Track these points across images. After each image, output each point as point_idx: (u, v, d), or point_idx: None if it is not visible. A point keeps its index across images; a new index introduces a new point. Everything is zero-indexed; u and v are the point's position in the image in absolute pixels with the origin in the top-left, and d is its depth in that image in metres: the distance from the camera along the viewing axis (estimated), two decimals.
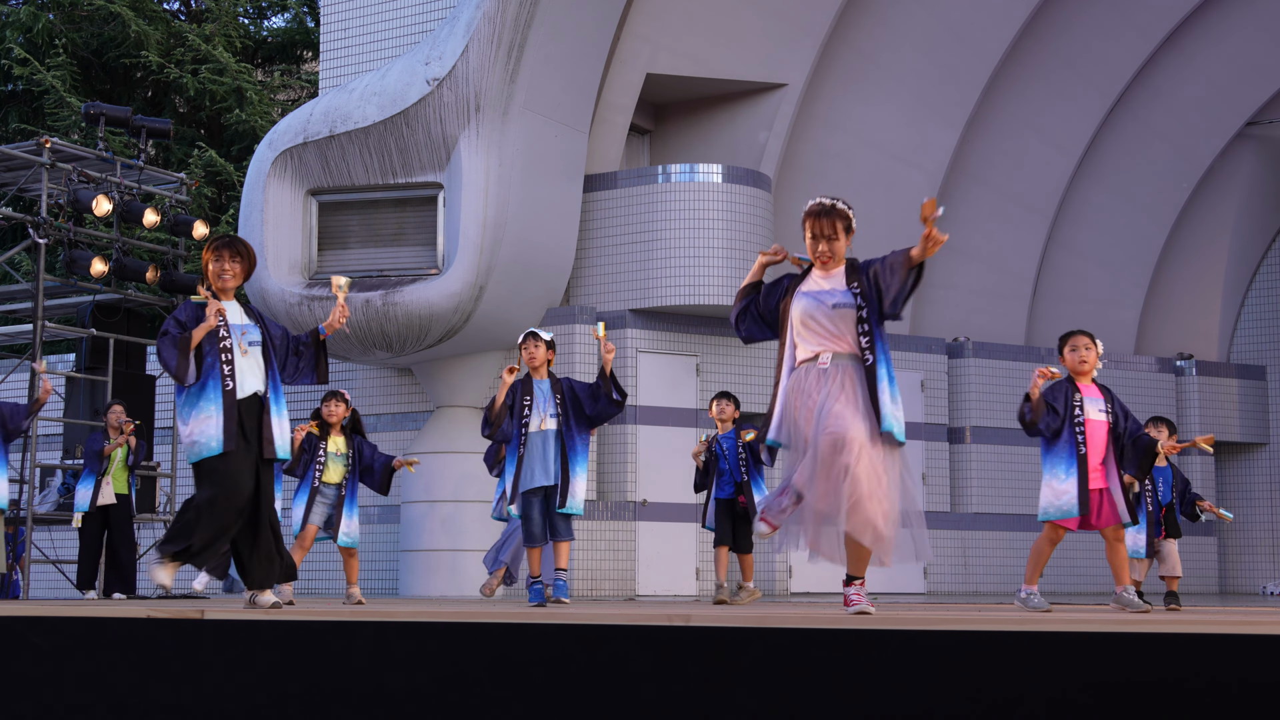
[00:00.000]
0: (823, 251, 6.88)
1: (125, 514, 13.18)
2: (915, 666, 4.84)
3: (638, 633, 5.34)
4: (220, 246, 7.67)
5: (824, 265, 6.90)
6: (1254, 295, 19.59)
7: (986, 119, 17.82)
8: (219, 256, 7.63)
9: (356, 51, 16.10)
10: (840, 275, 6.88)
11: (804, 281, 6.94)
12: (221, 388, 7.44)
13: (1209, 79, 18.45)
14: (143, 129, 15.31)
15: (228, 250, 7.64)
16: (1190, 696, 4.46)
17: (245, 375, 7.54)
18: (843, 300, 6.77)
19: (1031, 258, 18.42)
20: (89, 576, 13.08)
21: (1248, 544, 18.54)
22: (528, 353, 9.26)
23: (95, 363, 15.13)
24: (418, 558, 15.19)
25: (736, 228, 15.35)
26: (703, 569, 15.47)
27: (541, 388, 9.17)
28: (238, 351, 7.54)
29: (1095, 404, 8.14)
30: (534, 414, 9.11)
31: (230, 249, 7.65)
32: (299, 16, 25.14)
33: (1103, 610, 8.59)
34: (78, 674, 6.27)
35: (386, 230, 14.98)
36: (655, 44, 15.85)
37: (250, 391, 7.54)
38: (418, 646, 5.66)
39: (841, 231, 6.91)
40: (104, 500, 12.95)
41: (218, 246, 7.67)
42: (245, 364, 7.56)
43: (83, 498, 12.95)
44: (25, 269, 19.74)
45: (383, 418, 15.86)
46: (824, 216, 6.92)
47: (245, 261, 7.68)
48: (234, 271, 7.63)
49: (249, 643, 6.04)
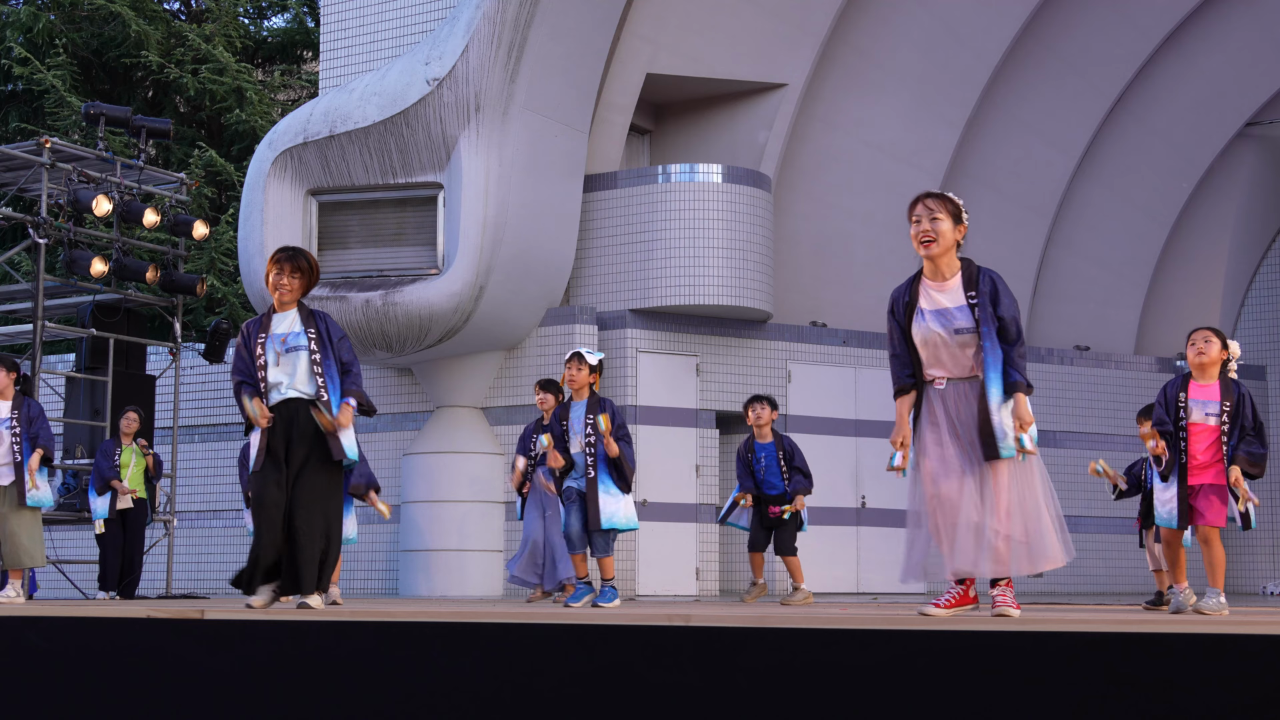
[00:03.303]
0: (925, 232, 6.50)
1: (141, 518, 13.41)
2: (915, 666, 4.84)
3: (638, 633, 5.34)
4: (283, 260, 7.70)
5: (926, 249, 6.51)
6: (1254, 295, 19.59)
7: (986, 119, 17.82)
8: (280, 270, 7.69)
9: (356, 51, 16.10)
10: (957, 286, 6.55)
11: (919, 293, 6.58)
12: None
13: (1209, 79, 18.45)
14: (143, 129, 15.31)
15: (289, 265, 7.69)
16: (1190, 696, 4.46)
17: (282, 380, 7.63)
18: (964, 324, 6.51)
19: (1031, 258, 18.42)
20: (110, 577, 13.26)
21: (1248, 544, 18.52)
22: (569, 374, 9.31)
23: (95, 363, 15.12)
24: (418, 558, 15.19)
25: (736, 228, 15.34)
26: (703, 569, 15.47)
27: (578, 411, 9.26)
28: (272, 361, 7.63)
29: (1204, 407, 7.84)
30: (571, 437, 9.27)
31: (292, 264, 7.69)
32: (299, 16, 25.13)
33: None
34: (78, 674, 6.27)
35: (386, 230, 14.98)
36: (655, 44, 15.85)
37: (289, 396, 7.60)
38: (418, 646, 5.66)
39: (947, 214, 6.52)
40: (123, 505, 13.17)
41: (280, 259, 7.70)
42: (279, 372, 7.63)
43: (101, 505, 13.09)
44: (25, 269, 19.73)
45: (383, 418, 15.86)
46: (926, 199, 6.56)
47: (305, 277, 7.73)
48: (292, 287, 7.69)
49: (249, 643, 6.04)
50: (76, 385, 15.32)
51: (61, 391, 15.94)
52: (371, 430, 15.98)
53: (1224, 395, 7.83)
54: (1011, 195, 18.23)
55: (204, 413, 17.24)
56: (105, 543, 13.25)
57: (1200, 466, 7.81)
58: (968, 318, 6.48)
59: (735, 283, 15.23)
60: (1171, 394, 7.94)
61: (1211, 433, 7.79)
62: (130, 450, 13.28)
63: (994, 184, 18.15)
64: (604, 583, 9.22)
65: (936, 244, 6.50)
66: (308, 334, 7.67)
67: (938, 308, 6.53)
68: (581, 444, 9.20)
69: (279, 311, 7.75)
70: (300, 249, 7.87)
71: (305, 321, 7.71)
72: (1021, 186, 18.28)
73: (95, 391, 15.01)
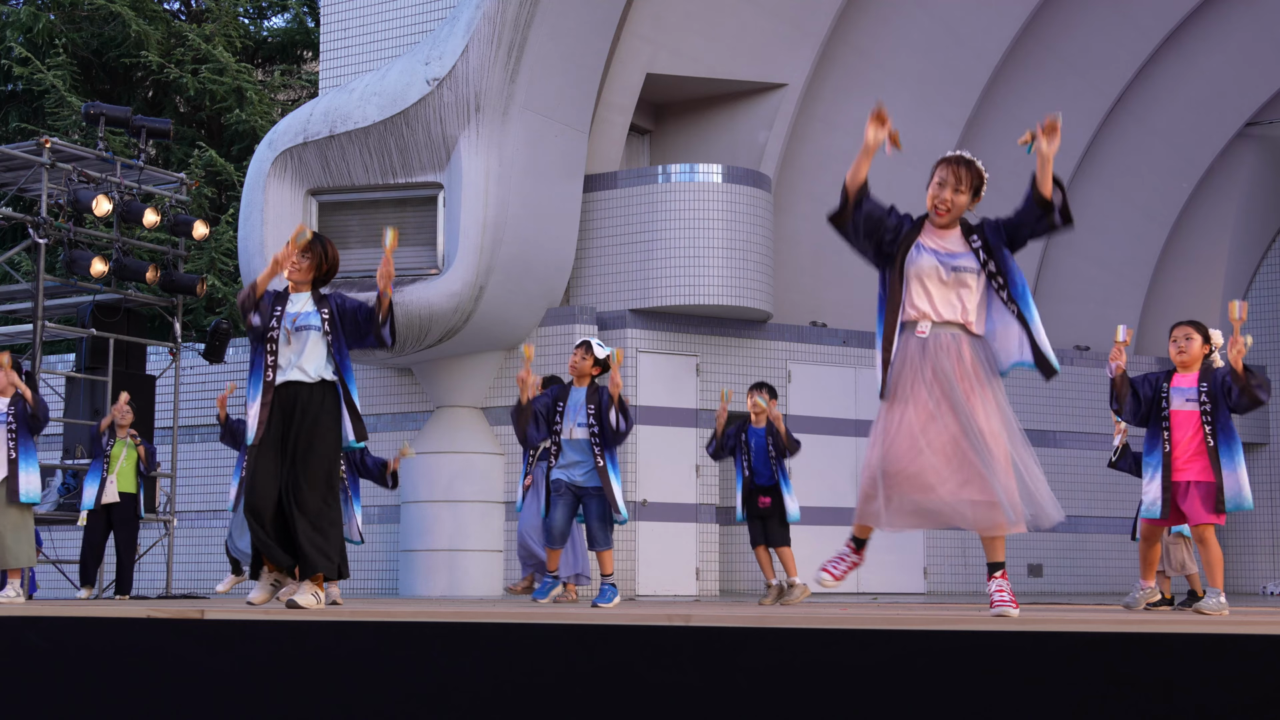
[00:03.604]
0: (945, 201, 6.47)
1: (130, 514, 13.17)
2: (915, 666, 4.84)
3: (638, 633, 5.34)
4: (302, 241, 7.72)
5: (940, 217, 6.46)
6: (1254, 295, 19.59)
7: (986, 119, 17.82)
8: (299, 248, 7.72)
9: (356, 51, 16.10)
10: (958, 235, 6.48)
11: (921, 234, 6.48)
12: (263, 377, 7.55)
13: (1209, 79, 18.45)
14: (143, 129, 15.31)
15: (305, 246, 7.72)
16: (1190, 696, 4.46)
17: (289, 361, 7.60)
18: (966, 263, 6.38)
19: (1032, 258, 18.42)
20: (89, 574, 13.08)
21: (1248, 544, 18.53)
22: (574, 360, 9.31)
23: (95, 363, 15.12)
24: (418, 558, 15.19)
25: (736, 228, 15.34)
26: (703, 569, 15.47)
27: (577, 397, 9.19)
28: (283, 339, 7.60)
29: (1184, 394, 7.77)
30: (565, 422, 9.15)
31: (309, 247, 7.72)
32: (299, 16, 25.13)
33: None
34: (78, 674, 6.27)
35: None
36: (655, 44, 15.85)
37: (293, 378, 7.57)
38: (418, 646, 5.66)
39: (969, 189, 6.50)
40: (108, 498, 12.95)
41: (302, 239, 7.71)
42: (288, 352, 7.61)
43: (89, 495, 12.95)
44: (25, 269, 19.73)
45: (383, 418, 15.86)
46: (959, 165, 6.50)
47: (315, 263, 7.74)
48: (300, 267, 7.71)
49: (249, 643, 6.04)
50: (76, 385, 15.32)
51: (61, 391, 15.94)
52: (371, 430, 15.94)
53: (1201, 379, 7.79)
54: (1012, 195, 18.07)
55: (204, 413, 17.22)
56: (86, 536, 13.10)
57: (1184, 459, 7.71)
58: (971, 260, 6.43)
59: (735, 283, 15.23)
60: (1154, 382, 7.87)
61: (1192, 418, 7.72)
62: (123, 443, 13.14)
63: (994, 184, 18.01)
64: (604, 579, 9.06)
65: (950, 214, 6.48)
66: (320, 313, 7.68)
67: (939, 249, 6.46)
68: (574, 430, 9.08)
69: (294, 293, 7.77)
70: (321, 236, 7.89)
71: (318, 303, 7.73)
72: (1022, 187, 18.11)
73: (95, 391, 15.01)
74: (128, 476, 13.09)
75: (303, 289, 7.79)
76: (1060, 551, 16.79)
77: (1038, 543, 16.86)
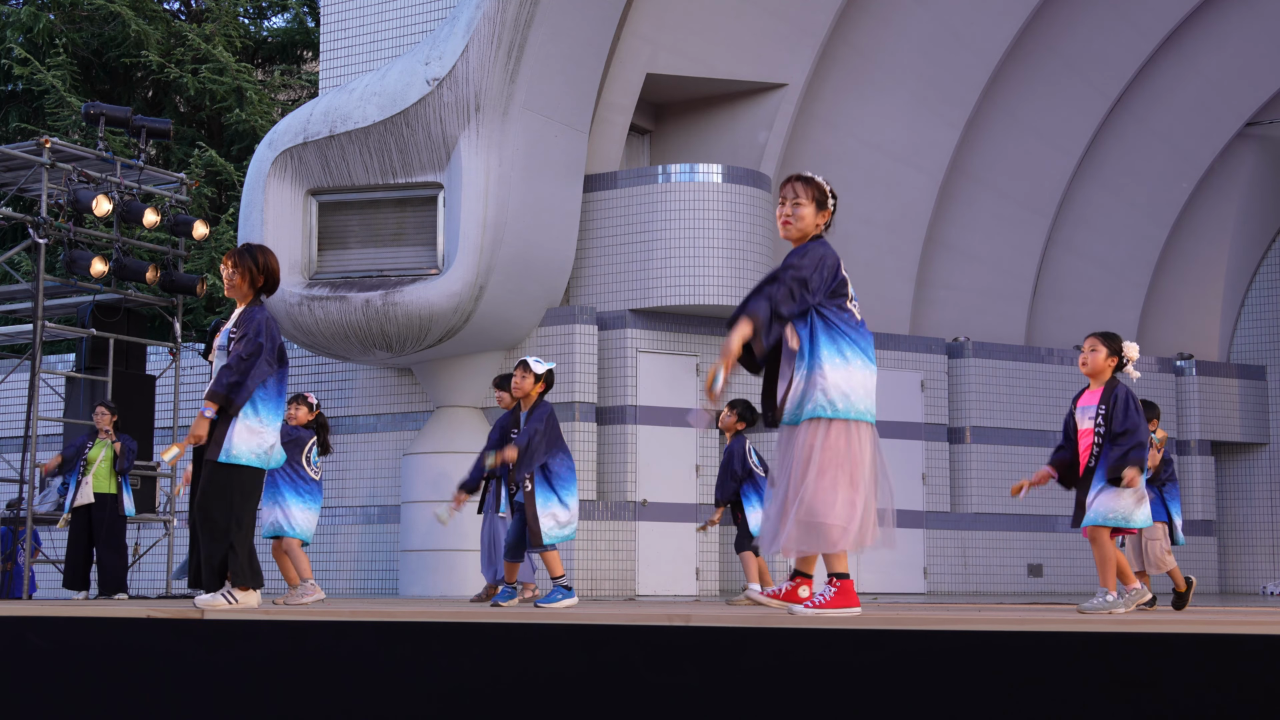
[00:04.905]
0: (787, 214, 6.54)
1: (109, 515, 13.11)
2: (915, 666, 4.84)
3: (638, 633, 5.34)
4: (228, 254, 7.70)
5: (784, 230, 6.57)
6: (1254, 295, 19.59)
7: (986, 119, 17.82)
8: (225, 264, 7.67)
9: (356, 51, 16.10)
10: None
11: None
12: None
13: (1209, 79, 18.45)
14: (143, 129, 15.30)
15: (227, 258, 7.67)
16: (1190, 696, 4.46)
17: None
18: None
19: (1031, 258, 18.42)
20: (74, 577, 13.10)
21: (1248, 544, 18.53)
22: (514, 382, 9.36)
23: (95, 363, 15.11)
24: (418, 558, 15.18)
25: (736, 228, 15.35)
26: (703, 569, 15.48)
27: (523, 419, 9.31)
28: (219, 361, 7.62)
29: (1087, 412, 7.92)
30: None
31: (228, 258, 7.64)
32: (299, 16, 25.14)
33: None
34: (78, 674, 6.27)
35: (386, 230, 14.98)
36: (655, 44, 15.85)
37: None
38: (418, 646, 5.66)
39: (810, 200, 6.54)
40: (82, 501, 12.95)
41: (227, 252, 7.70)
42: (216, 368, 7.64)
43: (68, 499, 13.04)
44: (25, 269, 19.73)
45: (383, 418, 15.86)
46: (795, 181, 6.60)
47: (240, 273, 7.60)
48: (230, 283, 7.64)
49: (249, 643, 6.04)
50: (76, 385, 15.31)
51: (61, 391, 15.93)
52: (371, 430, 15.99)
53: (1102, 399, 7.87)
54: (1011, 195, 18.23)
55: None
56: (69, 540, 13.11)
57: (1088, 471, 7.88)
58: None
59: (735, 283, 15.23)
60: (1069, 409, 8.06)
61: (1088, 435, 7.85)
62: (101, 444, 13.14)
63: (994, 184, 18.15)
64: (554, 581, 8.95)
65: (793, 228, 6.57)
66: (231, 334, 7.58)
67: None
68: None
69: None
70: (252, 246, 7.75)
71: (238, 322, 7.63)
72: (1021, 186, 18.28)
73: (95, 391, 15.00)
74: (104, 477, 13.08)
75: (241, 304, 7.72)
76: (1060, 551, 16.80)
77: (1038, 543, 16.88)
